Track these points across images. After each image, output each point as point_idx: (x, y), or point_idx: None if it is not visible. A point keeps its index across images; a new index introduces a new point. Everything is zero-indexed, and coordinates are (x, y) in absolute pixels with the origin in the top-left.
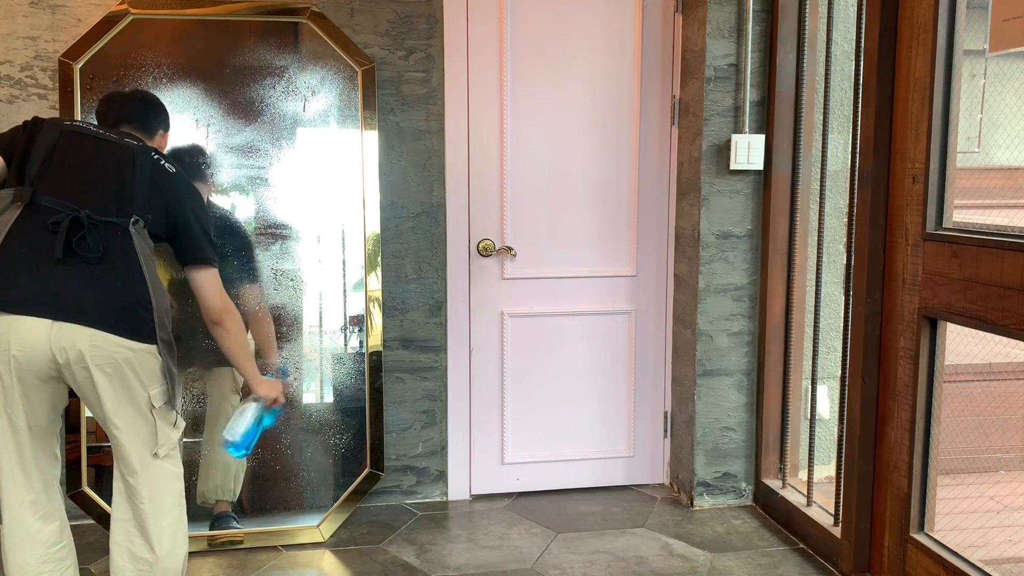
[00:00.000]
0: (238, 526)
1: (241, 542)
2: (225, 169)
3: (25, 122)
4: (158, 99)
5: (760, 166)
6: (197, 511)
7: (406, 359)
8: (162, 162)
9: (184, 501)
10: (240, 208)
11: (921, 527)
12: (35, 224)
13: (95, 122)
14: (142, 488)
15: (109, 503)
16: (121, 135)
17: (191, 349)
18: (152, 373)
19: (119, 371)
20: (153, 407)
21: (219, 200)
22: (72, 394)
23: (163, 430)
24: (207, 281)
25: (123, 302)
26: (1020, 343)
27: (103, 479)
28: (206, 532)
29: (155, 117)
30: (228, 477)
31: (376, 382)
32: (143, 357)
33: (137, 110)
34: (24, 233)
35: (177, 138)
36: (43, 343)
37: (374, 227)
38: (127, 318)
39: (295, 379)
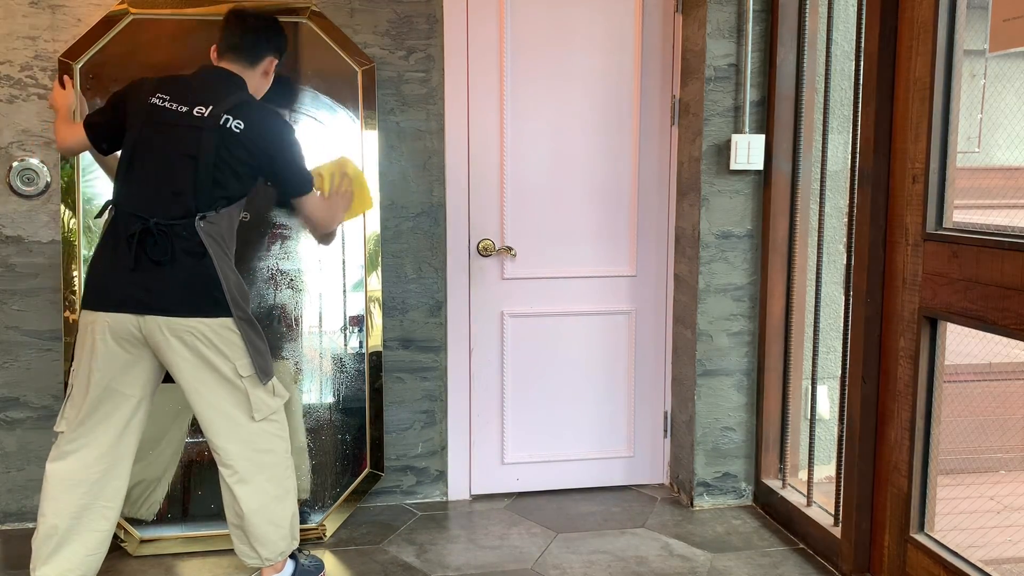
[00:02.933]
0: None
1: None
2: None
3: (116, 96)
4: (267, 19)
5: (760, 166)
6: (198, 511)
7: (406, 359)
8: (229, 124)
9: (289, 461)
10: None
11: (921, 527)
12: (118, 233)
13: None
14: (234, 454)
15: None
16: (198, 100)
17: None
18: (234, 346)
19: (196, 347)
20: (241, 376)
21: None
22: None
23: (257, 397)
24: (309, 206)
25: (193, 288)
26: (1020, 343)
27: None
28: (207, 532)
29: (261, 44)
30: (302, 473)
31: (376, 382)
32: (221, 331)
33: (239, 40)
34: (112, 242)
35: None
36: (134, 325)
37: (374, 227)
38: (199, 301)
39: (297, 378)
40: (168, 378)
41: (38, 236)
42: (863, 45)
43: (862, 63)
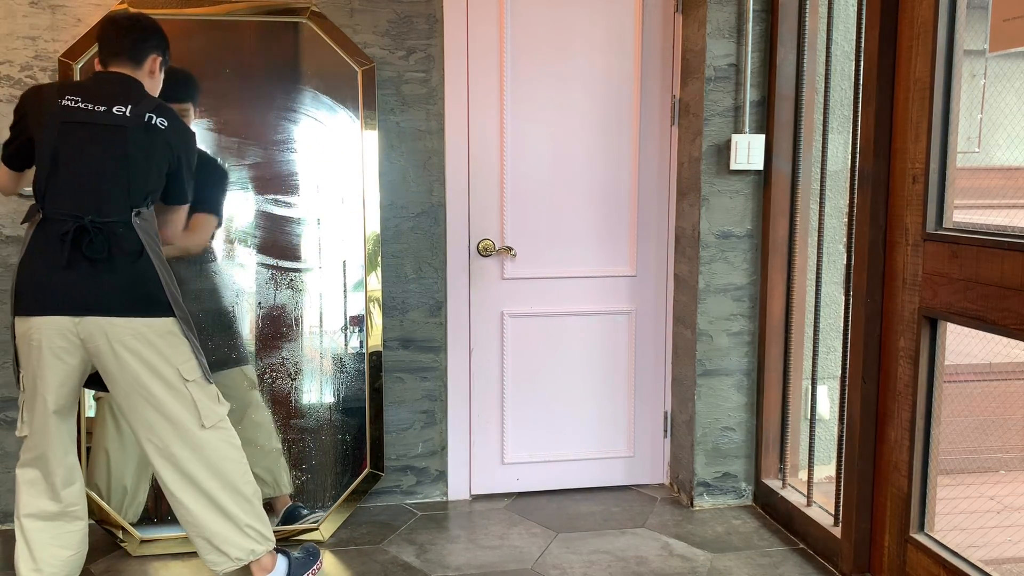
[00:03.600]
0: (307, 512)
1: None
2: (224, 170)
3: (16, 114)
4: (143, 21)
5: (760, 166)
6: None
7: (406, 359)
8: (153, 120)
9: (244, 465)
10: (239, 208)
11: (921, 527)
12: (48, 235)
13: (93, 74)
14: (184, 459)
15: (109, 503)
16: (114, 100)
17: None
18: (176, 347)
19: (139, 352)
20: (186, 380)
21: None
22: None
23: (204, 403)
24: (176, 216)
25: (133, 288)
26: (1020, 343)
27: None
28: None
29: (141, 44)
30: (279, 471)
31: (376, 382)
32: (164, 334)
33: (121, 43)
34: (41, 244)
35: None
36: (70, 331)
37: (374, 227)
38: (140, 301)
39: (296, 379)
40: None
41: None
42: (863, 45)
43: (862, 63)
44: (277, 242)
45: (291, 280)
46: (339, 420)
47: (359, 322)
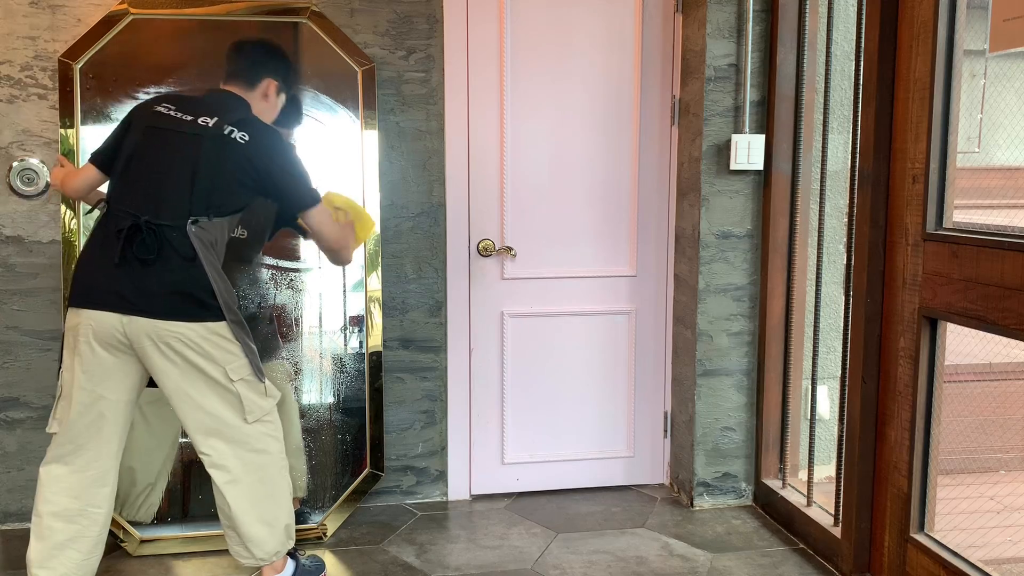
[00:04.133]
0: (309, 518)
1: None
2: None
3: (120, 125)
4: (266, 45)
5: (760, 166)
6: (197, 512)
7: (406, 359)
8: (233, 134)
9: (283, 462)
10: None
11: (921, 527)
12: (107, 230)
13: (194, 94)
14: (227, 454)
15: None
16: (205, 112)
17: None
18: (226, 350)
19: (184, 353)
20: (232, 380)
21: None
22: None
23: (250, 399)
24: (316, 220)
25: (182, 292)
26: (1020, 343)
27: None
28: (207, 532)
29: (255, 67)
30: (298, 472)
31: (376, 382)
32: (211, 336)
33: (236, 65)
34: (101, 238)
35: None
36: (117, 329)
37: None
38: (188, 306)
39: (292, 378)
40: (152, 382)
41: (38, 236)
42: (863, 45)
43: (862, 63)
44: (277, 242)
45: (291, 280)
46: (339, 420)
47: (359, 322)
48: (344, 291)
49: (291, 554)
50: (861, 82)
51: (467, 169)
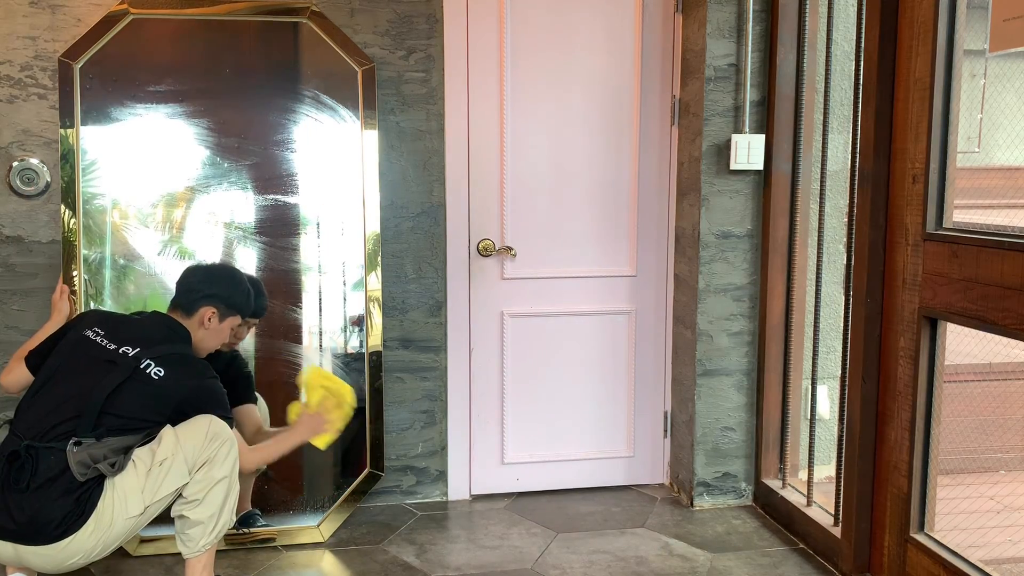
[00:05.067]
0: (265, 523)
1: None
2: (224, 170)
3: (61, 329)
4: (209, 272)
5: (760, 166)
6: None
7: (406, 359)
8: (148, 369)
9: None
10: (239, 208)
11: (921, 527)
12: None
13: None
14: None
15: None
16: (130, 342)
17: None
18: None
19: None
20: (162, 461)
21: (219, 206)
22: None
23: (168, 490)
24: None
25: (48, 519)
26: (1020, 343)
27: None
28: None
29: (192, 295)
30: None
31: (376, 382)
32: (80, 542)
33: (177, 292)
34: None
35: (181, 156)
36: (12, 556)
37: (374, 227)
38: (53, 531)
39: (296, 379)
40: None
41: (38, 236)
42: (863, 45)
43: (862, 63)
44: (277, 242)
45: (291, 280)
46: None
47: (359, 322)
48: (344, 291)
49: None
50: (861, 82)
51: (467, 169)
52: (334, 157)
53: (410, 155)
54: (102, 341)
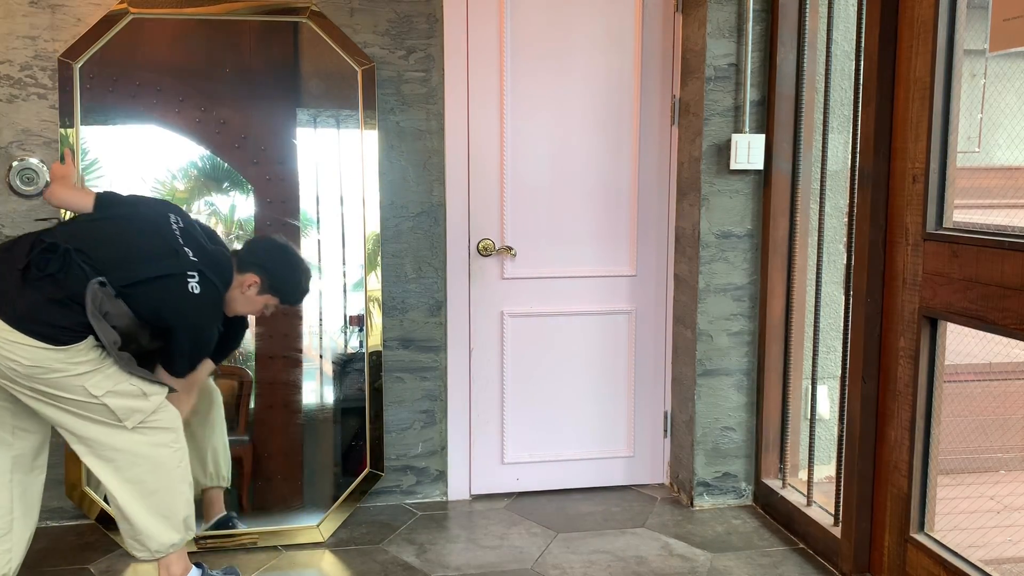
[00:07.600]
0: (243, 525)
1: (255, 543)
2: (224, 170)
3: (149, 198)
4: (275, 250)
5: (760, 166)
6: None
7: (406, 359)
8: (189, 281)
9: (177, 458)
10: (239, 208)
11: (921, 527)
12: (21, 244)
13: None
14: (114, 447)
15: (107, 503)
16: (194, 247)
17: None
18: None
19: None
20: (96, 396)
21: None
22: None
23: (119, 404)
24: (164, 376)
25: (29, 306)
26: (1020, 343)
27: None
28: (206, 532)
29: (252, 257)
30: (219, 460)
31: (376, 382)
32: (32, 352)
33: (244, 248)
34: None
35: (181, 155)
36: None
37: (374, 227)
38: (18, 317)
39: (296, 379)
40: None
41: None
42: (863, 45)
43: (862, 63)
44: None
45: None
46: (339, 420)
47: (359, 322)
48: (344, 291)
49: (199, 565)
50: (861, 82)
51: (467, 169)
52: (334, 157)
53: (410, 155)
54: (176, 232)
